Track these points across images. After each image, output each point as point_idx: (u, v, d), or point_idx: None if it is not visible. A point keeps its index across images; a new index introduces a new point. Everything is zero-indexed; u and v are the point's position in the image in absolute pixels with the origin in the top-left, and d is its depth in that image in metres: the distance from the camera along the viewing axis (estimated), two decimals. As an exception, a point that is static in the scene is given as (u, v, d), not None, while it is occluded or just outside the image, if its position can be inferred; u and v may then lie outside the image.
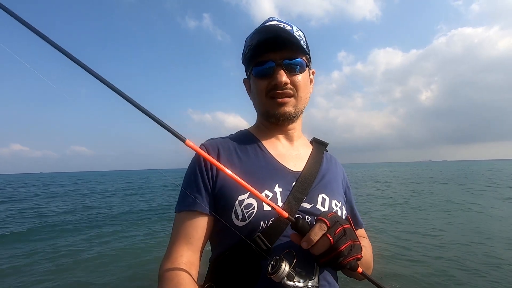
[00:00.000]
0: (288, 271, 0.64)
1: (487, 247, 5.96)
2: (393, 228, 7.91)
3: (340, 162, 1.04)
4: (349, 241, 0.67)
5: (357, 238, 0.70)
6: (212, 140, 0.90)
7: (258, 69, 0.85)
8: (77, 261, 5.89)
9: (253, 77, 0.88)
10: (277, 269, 0.64)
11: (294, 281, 0.65)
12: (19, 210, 13.90)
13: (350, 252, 0.66)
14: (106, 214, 12.16)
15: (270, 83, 0.84)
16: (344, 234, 0.67)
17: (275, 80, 0.83)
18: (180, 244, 0.78)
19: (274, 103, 0.85)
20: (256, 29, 0.88)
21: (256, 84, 0.87)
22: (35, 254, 6.52)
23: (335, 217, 0.69)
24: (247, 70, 0.93)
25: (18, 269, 5.55)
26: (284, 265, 0.64)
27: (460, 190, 17.27)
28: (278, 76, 0.82)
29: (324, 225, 0.66)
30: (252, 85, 0.90)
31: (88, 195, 21.10)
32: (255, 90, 0.89)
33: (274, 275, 0.64)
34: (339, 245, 0.65)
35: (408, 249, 6.05)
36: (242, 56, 0.93)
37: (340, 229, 0.67)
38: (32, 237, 8.19)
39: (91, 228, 9.25)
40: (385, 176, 36.41)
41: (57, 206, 15.10)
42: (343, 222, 0.69)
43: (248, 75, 0.93)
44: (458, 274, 4.70)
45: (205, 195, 0.80)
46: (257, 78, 0.86)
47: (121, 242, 7.43)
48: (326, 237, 0.65)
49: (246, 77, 0.96)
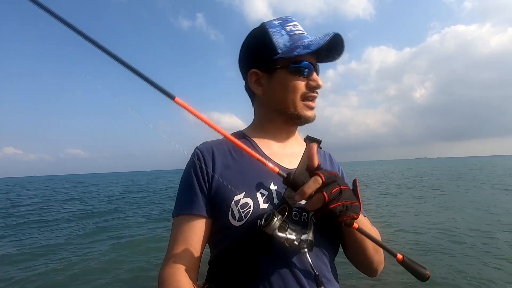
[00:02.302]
0: (280, 223, 0.66)
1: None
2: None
3: (335, 157, 1.04)
4: (344, 201, 0.64)
5: (357, 200, 0.67)
6: (206, 143, 0.90)
7: (298, 66, 0.83)
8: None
9: (285, 73, 0.84)
10: (270, 221, 0.66)
11: (286, 233, 0.67)
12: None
13: (345, 212, 0.64)
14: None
15: (308, 84, 0.84)
16: (340, 194, 0.64)
17: (317, 82, 0.84)
18: (179, 247, 0.78)
19: (307, 106, 0.86)
20: (287, 19, 0.88)
21: (292, 82, 0.84)
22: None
23: (334, 176, 0.67)
24: (269, 63, 0.86)
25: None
26: (276, 218, 0.66)
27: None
28: (319, 79, 0.85)
29: (319, 178, 0.63)
30: (282, 81, 0.85)
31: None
32: (287, 87, 0.85)
33: (267, 227, 0.65)
34: (333, 203, 0.63)
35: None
36: (287, 46, 0.84)
37: (337, 188, 0.65)
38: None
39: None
40: (388, 173, 35.77)
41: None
42: (342, 183, 0.67)
43: (272, 69, 0.86)
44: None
45: (202, 197, 0.81)
46: (293, 75, 0.84)
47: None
48: (321, 194, 0.63)
49: (255, 69, 0.89)
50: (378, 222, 7.91)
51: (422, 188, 17.35)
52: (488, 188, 15.18)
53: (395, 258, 0.71)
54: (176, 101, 0.60)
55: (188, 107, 0.62)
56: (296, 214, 0.79)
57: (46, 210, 14.51)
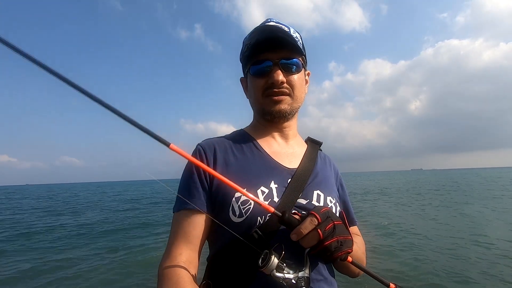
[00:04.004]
0: (277, 263, 0.67)
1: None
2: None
3: (334, 162, 1.06)
4: (338, 236, 0.68)
5: (349, 234, 0.72)
6: (208, 140, 0.92)
7: (256, 68, 0.87)
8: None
9: (250, 76, 0.90)
10: (267, 262, 0.66)
11: (283, 273, 0.67)
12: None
13: (340, 247, 0.68)
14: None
15: (267, 81, 0.86)
16: (334, 230, 0.68)
17: (272, 79, 0.85)
18: (179, 242, 0.78)
19: (270, 101, 0.87)
20: (254, 28, 0.90)
21: (254, 82, 0.89)
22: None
23: (327, 212, 0.71)
24: (244, 69, 0.95)
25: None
26: (274, 257, 0.67)
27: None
28: (275, 75, 0.84)
29: (315, 219, 0.67)
30: (249, 84, 0.92)
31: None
32: (252, 88, 0.91)
33: (264, 268, 0.66)
34: (328, 239, 0.67)
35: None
36: (241, 55, 0.94)
37: (331, 225, 0.68)
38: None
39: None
40: (387, 185, 35.55)
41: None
42: (335, 218, 0.71)
43: (246, 74, 0.95)
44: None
45: (203, 193, 0.81)
46: (254, 77, 0.88)
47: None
48: (316, 232, 0.66)
49: (243, 76, 0.99)
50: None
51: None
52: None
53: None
54: (171, 148, 0.61)
55: (183, 153, 0.63)
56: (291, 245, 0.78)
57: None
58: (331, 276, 0.83)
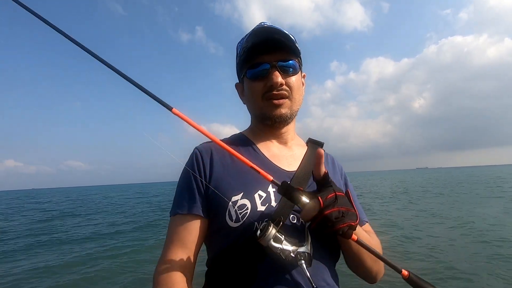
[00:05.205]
0: (275, 233, 0.65)
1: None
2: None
3: (337, 160, 1.03)
4: (340, 207, 0.64)
5: (352, 208, 0.67)
6: (205, 144, 0.91)
7: (253, 71, 0.86)
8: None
9: (247, 80, 0.88)
10: (264, 232, 0.65)
11: (281, 244, 0.66)
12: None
13: (342, 218, 0.64)
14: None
15: (266, 84, 0.84)
16: (336, 200, 0.65)
17: (271, 81, 0.83)
18: (174, 247, 0.78)
19: (271, 105, 0.86)
20: (249, 32, 0.89)
21: (252, 87, 0.87)
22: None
23: (330, 182, 0.69)
24: (240, 74, 0.93)
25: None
26: (272, 228, 0.66)
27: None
28: (274, 77, 0.83)
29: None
30: (247, 88, 0.90)
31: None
32: (250, 92, 0.89)
33: (261, 239, 0.65)
34: (329, 208, 0.63)
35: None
36: (237, 59, 0.93)
37: (333, 194, 0.65)
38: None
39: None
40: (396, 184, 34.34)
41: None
42: (337, 189, 0.68)
43: (242, 79, 0.93)
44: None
45: (199, 197, 0.81)
46: (252, 80, 0.87)
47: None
48: (317, 199, 0.64)
49: (238, 81, 0.97)
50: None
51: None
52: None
53: (400, 274, 0.67)
54: (174, 112, 0.61)
55: (185, 118, 0.64)
56: (294, 217, 0.78)
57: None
58: (335, 283, 0.79)
